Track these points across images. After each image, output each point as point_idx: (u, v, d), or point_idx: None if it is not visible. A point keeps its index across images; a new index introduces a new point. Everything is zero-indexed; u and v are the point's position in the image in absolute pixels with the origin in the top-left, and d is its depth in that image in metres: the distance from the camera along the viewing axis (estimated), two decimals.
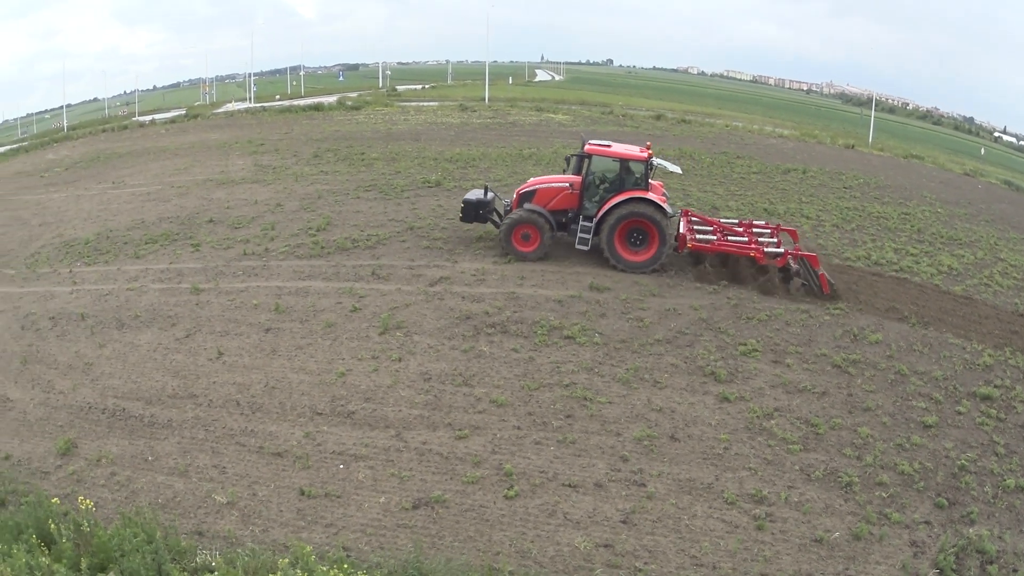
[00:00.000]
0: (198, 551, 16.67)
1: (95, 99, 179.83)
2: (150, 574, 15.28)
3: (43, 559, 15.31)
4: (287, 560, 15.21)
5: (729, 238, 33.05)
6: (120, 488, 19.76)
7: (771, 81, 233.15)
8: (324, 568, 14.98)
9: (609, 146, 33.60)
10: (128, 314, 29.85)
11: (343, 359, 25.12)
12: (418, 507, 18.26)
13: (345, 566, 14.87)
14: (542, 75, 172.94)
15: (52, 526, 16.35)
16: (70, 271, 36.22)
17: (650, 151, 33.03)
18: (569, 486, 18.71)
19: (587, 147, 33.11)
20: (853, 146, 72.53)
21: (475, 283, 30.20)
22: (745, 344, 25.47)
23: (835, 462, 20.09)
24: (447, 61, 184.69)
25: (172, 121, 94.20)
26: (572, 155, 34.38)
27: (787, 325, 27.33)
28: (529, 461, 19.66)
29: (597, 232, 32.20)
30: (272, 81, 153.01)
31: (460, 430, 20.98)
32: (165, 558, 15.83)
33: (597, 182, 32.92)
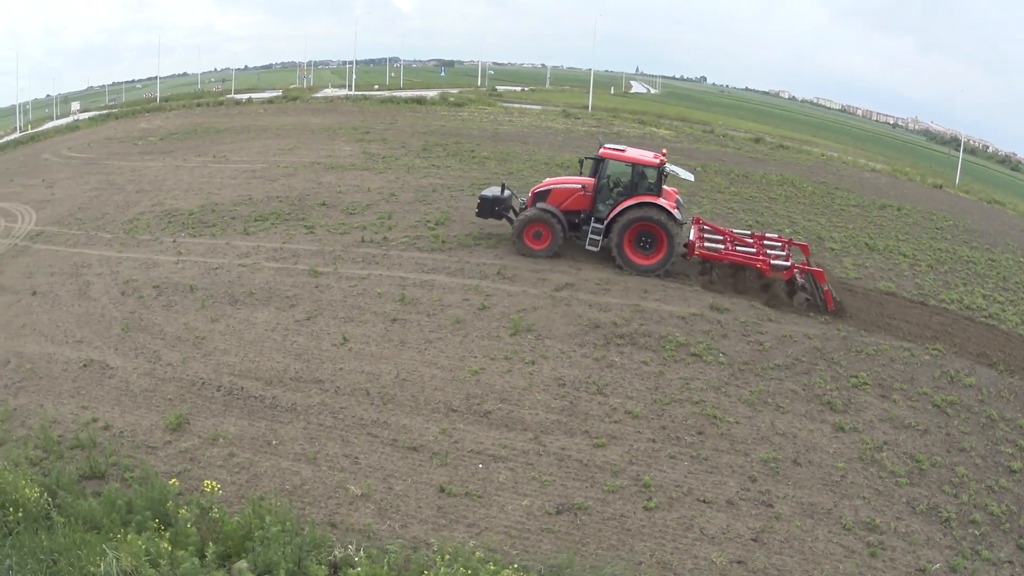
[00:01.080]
0: (335, 544, 15.87)
1: (184, 73, 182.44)
2: (289, 566, 14.16)
3: (163, 544, 14.17)
4: (445, 558, 14.66)
5: (738, 248, 33.08)
6: (240, 471, 18.99)
7: (859, 112, 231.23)
8: (492, 567, 14.44)
9: (624, 151, 34.09)
10: (241, 290, 29.78)
11: (475, 357, 24.60)
12: (561, 512, 17.93)
13: (510, 569, 14.52)
14: (637, 87, 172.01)
15: (173, 508, 15.53)
16: (174, 240, 35.97)
17: (663, 158, 33.22)
18: (703, 501, 18.60)
19: (602, 151, 33.74)
20: (941, 186, 70.84)
21: (600, 292, 29.70)
22: (856, 377, 25.12)
23: (936, 498, 19.95)
24: (542, 65, 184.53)
25: (270, 101, 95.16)
26: (586, 158, 34.68)
27: (891, 361, 26.69)
28: (665, 474, 19.47)
29: (607, 234, 32.75)
30: (367, 70, 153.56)
31: (597, 438, 20.65)
32: (306, 551, 14.88)
33: (611, 185, 33.44)
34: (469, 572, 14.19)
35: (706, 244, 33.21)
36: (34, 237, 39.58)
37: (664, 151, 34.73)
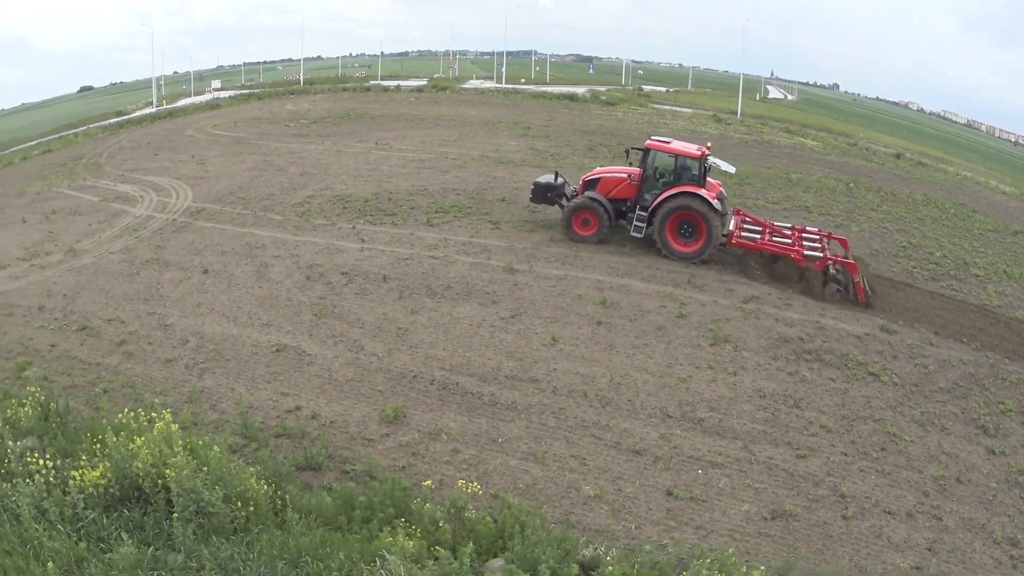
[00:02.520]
0: (581, 543, 15.74)
1: (319, 57, 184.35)
2: (551, 564, 13.85)
3: (412, 543, 13.83)
4: (706, 561, 14.58)
5: (774, 239, 34.41)
6: (468, 468, 18.99)
7: (983, 127, 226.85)
8: (744, 570, 14.44)
9: (669, 143, 35.51)
10: (438, 283, 30.10)
11: (681, 365, 24.84)
12: (775, 518, 18.46)
13: (759, 572, 14.53)
14: (774, 92, 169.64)
15: (421, 506, 15.20)
16: (353, 227, 36.27)
17: (704, 151, 34.78)
18: (888, 512, 19.25)
19: (648, 142, 35.33)
20: None
21: (783, 306, 29.85)
22: (1003, 404, 25.24)
23: None
24: (680, 64, 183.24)
25: (419, 90, 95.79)
26: (633, 148, 36.97)
27: None
28: (856, 486, 20.01)
29: (651, 222, 34.37)
30: (507, 63, 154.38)
31: (798, 450, 21.16)
32: (566, 549, 14.78)
33: (656, 175, 34.96)
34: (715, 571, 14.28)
35: (743, 234, 34.57)
36: (194, 214, 40.15)
37: (709, 144, 36.90)
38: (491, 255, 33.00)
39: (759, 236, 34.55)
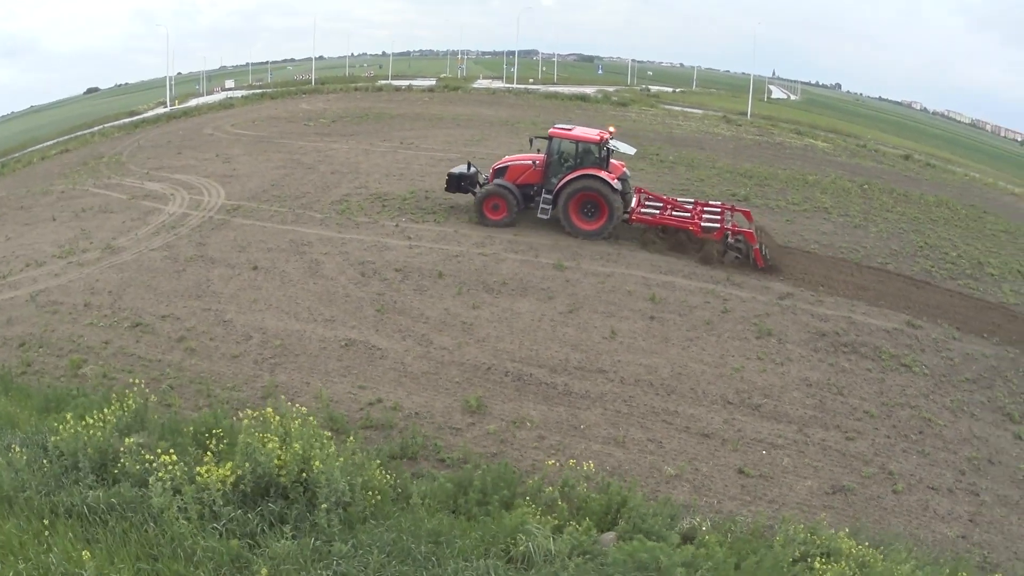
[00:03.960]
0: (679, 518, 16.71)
1: (321, 57, 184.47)
2: (661, 533, 14.91)
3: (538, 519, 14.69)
4: (798, 526, 15.78)
5: (673, 213, 37.05)
6: (555, 453, 19.81)
7: (988, 127, 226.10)
8: (832, 531, 15.63)
9: (571, 130, 38.24)
10: (493, 279, 30.92)
11: (732, 356, 25.97)
12: (835, 492, 19.77)
13: (843, 533, 15.68)
14: (777, 93, 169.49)
15: (536, 485, 15.99)
16: (396, 225, 37.12)
17: (604, 135, 37.15)
18: (932, 488, 20.59)
19: (551, 130, 37.95)
20: None
21: (816, 303, 30.81)
22: None
23: None
24: (680, 64, 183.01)
25: (431, 90, 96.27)
26: (536, 137, 39.11)
27: None
28: (901, 465, 21.32)
29: (556, 203, 36.76)
30: (509, 63, 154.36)
31: (847, 432, 22.42)
32: (676, 518, 16.03)
33: (561, 160, 37.23)
34: (812, 535, 15.28)
35: (642, 210, 37.17)
36: (231, 211, 40.66)
37: (611, 129, 39.19)
38: (538, 253, 33.81)
39: (659, 212, 37.15)
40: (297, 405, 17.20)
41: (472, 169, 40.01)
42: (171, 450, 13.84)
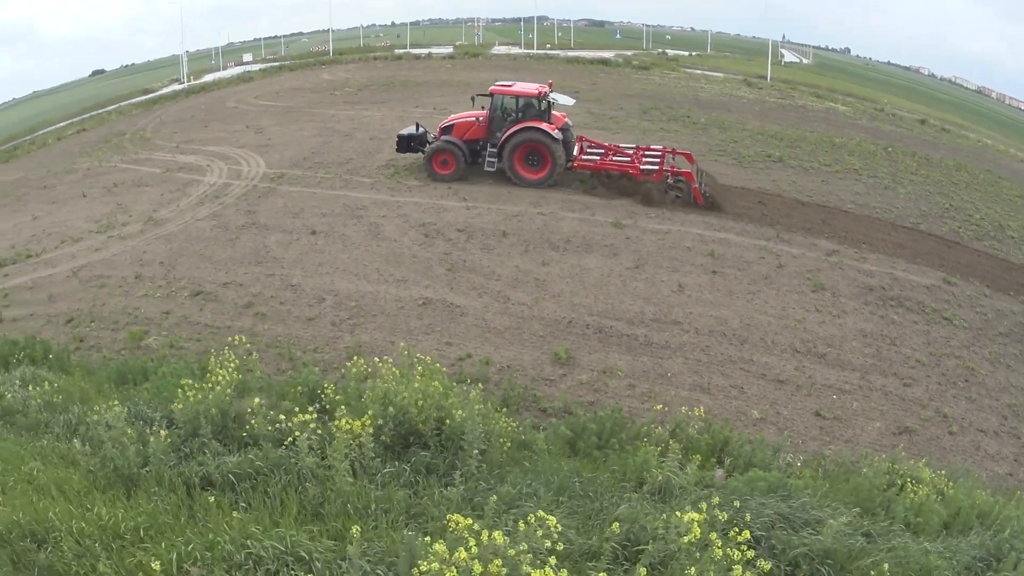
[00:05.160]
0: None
1: (326, 29, 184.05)
2: (764, 465, 15.85)
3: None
4: (882, 458, 16.60)
5: (613, 159, 38.78)
6: (648, 399, 20.67)
7: (993, 94, 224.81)
8: (911, 462, 16.50)
9: (511, 86, 40.47)
10: (556, 237, 31.46)
11: (792, 308, 26.91)
12: (900, 433, 21.03)
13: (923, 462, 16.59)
14: (789, 56, 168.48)
15: (647, 428, 16.70)
16: (449, 187, 37.73)
17: (543, 89, 38.97)
18: (980, 431, 21.97)
19: (492, 88, 40.13)
20: None
21: (860, 260, 31.71)
22: None
23: None
24: (692, 28, 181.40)
25: (451, 57, 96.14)
26: (478, 95, 40.87)
27: None
28: (952, 409, 22.57)
29: (501, 156, 38.33)
30: (518, 29, 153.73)
31: (903, 379, 23.61)
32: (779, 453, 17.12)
33: (504, 115, 38.85)
34: (896, 466, 16.13)
35: (583, 157, 39.07)
36: (275, 179, 41.11)
37: (550, 83, 41.33)
38: (594, 212, 34.28)
39: (599, 158, 38.90)
40: (426, 357, 17.28)
41: (420, 129, 41.64)
42: (308, 408, 13.66)
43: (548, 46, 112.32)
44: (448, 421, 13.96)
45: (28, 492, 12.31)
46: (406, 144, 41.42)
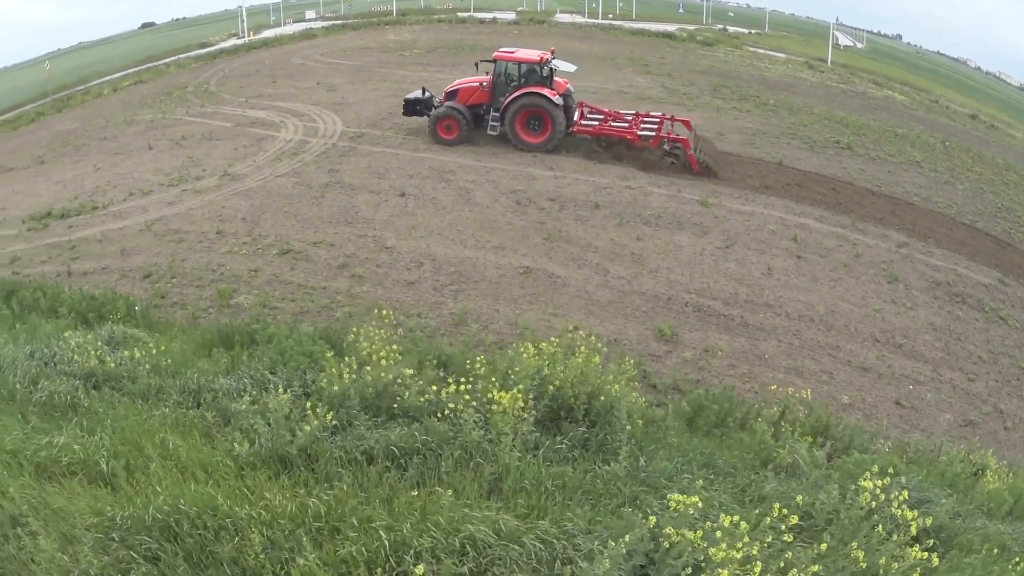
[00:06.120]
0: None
1: None
2: (866, 446, 17.07)
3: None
4: (960, 448, 18.19)
5: (612, 124, 39.63)
6: (748, 380, 21.55)
7: None
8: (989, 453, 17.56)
9: (514, 52, 40.74)
10: (647, 212, 31.75)
11: (871, 298, 27.45)
12: (966, 425, 21.90)
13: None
14: (844, 39, 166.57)
15: (757, 409, 17.38)
16: (534, 155, 38.18)
17: (545, 56, 39.55)
18: None
19: (496, 54, 40.43)
20: None
21: (927, 254, 32.08)
22: None
23: None
24: (747, 4, 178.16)
25: (517, 23, 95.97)
26: (482, 60, 41.05)
27: None
28: (1008, 406, 23.40)
29: (503, 121, 39.07)
30: None
31: (968, 374, 24.43)
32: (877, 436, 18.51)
33: (507, 81, 39.51)
34: (971, 456, 17.34)
35: (583, 122, 39.86)
36: (355, 139, 41.61)
37: (552, 50, 41.37)
38: (680, 188, 34.50)
39: (598, 123, 39.79)
40: (588, 336, 17.29)
41: (427, 94, 42.24)
42: (462, 380, 13.34)
43: (610, 16, 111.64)
44: (602, 397, 13.99)
45: (171, 471, 11.95)
46: (412, 108, 42.17)
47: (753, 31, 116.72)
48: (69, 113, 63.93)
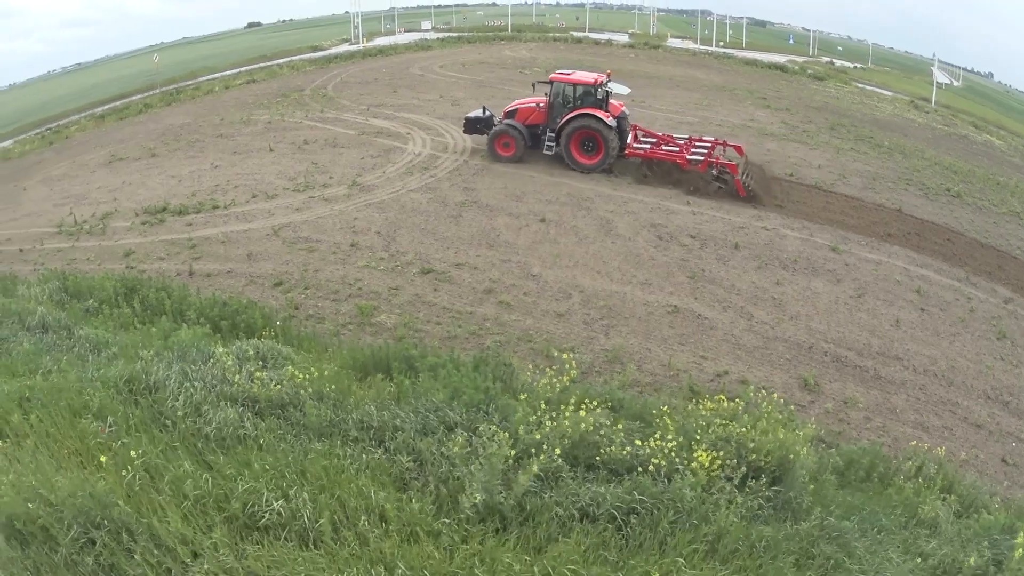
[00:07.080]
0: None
1: (494, 3, 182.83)
2: (985, 504, 17.79)
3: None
4: None
5: (663, 148, 40.75)
6: (882, 434, 21.65)
7: None
8: None
9: (571, 74, 42.30)
10: (784, 256, 31.90)
11: (983, 355, 27.41)
12: None
13: None
14: (941, 76, 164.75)
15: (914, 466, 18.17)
16: (669, 188, 39.36)
17: (600, 79, 40.72)
18: None
19: (552, 76, 42.02)
20: None
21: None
22: None
23: None
24: (848, 36, 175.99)
25: (631, 46, 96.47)
26: (539, 82, 43.18)
27: None
28: None
29: (559, 142, 40.38)
30: (676, 20, 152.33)
31: None
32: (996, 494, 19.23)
33: (563, 102, 40.88)
34: None
35: (635, 145, 41.04)
36: (486, 157, 42.61)
37: (609, 72, 42.99)
38: (812, 232, 34.55)
39: (650, 146, 40.99)
40: (773, 395, 17.72)
41: (487, 113, 43.76)
42: (668, 436, 13.24)
43: (720, 44, 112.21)
44: (792, 457, 14.15)
45: (382, 528, 11.11)
46: (473, 126, 43.85)
47: (857, 65, 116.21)
48: (179, 107, 66.21)
